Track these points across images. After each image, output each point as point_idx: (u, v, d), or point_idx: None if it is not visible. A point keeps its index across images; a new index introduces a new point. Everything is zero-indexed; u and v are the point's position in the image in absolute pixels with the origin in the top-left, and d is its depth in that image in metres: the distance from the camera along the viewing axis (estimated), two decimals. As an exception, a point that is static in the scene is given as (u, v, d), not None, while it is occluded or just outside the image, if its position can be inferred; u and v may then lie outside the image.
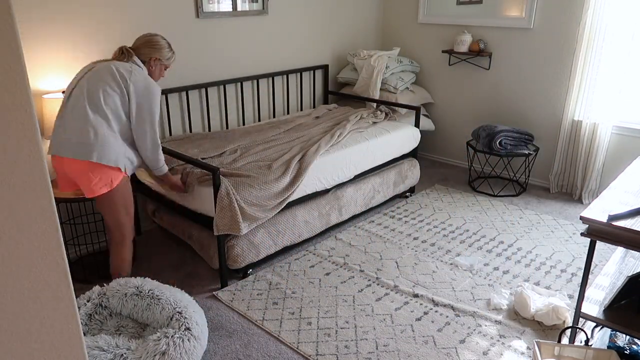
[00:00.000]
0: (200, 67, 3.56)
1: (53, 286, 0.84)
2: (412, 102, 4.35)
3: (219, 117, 3.79)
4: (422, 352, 2.30)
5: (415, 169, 3.95)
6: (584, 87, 3.76)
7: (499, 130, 3.93)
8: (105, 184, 2.22)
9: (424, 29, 4.69)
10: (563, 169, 4.07)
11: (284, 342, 2.36)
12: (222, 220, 2.58)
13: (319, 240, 3.31)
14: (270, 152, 3.15)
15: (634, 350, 2.03)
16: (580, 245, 3.27)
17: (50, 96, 2.72)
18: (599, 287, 2.19)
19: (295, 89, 4.38)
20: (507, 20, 4.13)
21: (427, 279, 2.87)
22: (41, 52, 2.75)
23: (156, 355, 1.90)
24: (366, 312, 2.58)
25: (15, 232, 0.78)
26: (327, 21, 4.45)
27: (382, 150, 3.57)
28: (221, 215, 2.58)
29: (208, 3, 3.49)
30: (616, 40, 3.55)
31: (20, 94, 0.75)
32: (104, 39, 2.99)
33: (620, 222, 1.81)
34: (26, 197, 0.78)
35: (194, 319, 2.10)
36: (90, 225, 3.06)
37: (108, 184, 2.24)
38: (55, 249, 0.83)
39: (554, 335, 2.39)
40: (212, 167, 2.60)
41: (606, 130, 3.74)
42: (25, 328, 0.82)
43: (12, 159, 0.75)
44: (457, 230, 3.48)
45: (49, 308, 0.84)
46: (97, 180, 2.19)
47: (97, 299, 2.21)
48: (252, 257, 2.84)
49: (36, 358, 0.84)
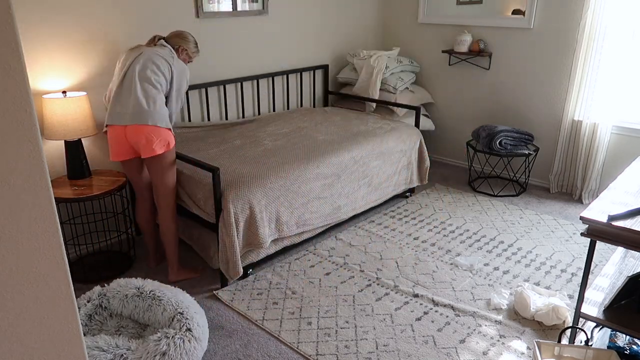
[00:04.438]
0: (200, 67, 3.56)
1: (53, 286, 0.84)
2: (412, 102, 4.36)
3: (219, 117, 3.79)
4: (422, 352, 2.30)
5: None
6: (583, 87, 3.76)
7: (499, 130, 3.93)
8: (163, 144, 2.57)
9: (424, 29, 4.69)
10: (563, 169, 4.07)
11: (284, 342, 2.36)
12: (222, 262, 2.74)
13: (319, 240, 3.31)
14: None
15: (634, 350, 2.03)
16: (580, 245, 3.27)
17: (50, 96, 2.72)
18: (599, 287, 2.19)
19: (295, 89, 4.38)
20: (507, 20, 4.13)
21: (427, 279, 2.87)
22: (41, 52, 2.75)
23: (156, 355, 1.90)
24: (366, 312, 2.58)
25: (15, 232, 0.78)
26: (327, 21, 4.45)
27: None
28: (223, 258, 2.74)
29: (208, 3, 3.49)
30: (616, 40, 3.55)
31: (20, 94, 0.75)
32: (104, 39, 3.00)
33: (620, 222, 1.81)
34: (26, 197, 0.78)
35: (195, 320, 2.10)
36: (90, 225, 3.06)
37: (165, 145, 2.58)
38: (55, 249, 0.83)
39: (554, 335, 2.39)
40: (212, 167, 2.60)
41: (606, 130, 3.74)
42: (25, 328, 0.82)
43: (12, 159, 0.75)
44: (457, 230, 3.48)
45: (49, 308, 0.84)
46: (157, 142, 2.55)
47: (97, 300, 2.21)
48: (252, 257, 2.84)
49: (36, 358, 0.84)
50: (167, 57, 2.65)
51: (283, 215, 2.90)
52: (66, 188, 2.75)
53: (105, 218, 3.06)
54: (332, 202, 3.20)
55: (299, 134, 3.56)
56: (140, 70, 2.57)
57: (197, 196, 2.79)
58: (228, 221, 2.63)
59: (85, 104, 2.79)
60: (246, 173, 2.83)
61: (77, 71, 2.92)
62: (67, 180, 2.85)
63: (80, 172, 2.86)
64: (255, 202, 2.73)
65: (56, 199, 2.59)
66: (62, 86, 2.87)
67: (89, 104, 2.85)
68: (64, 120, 2.69)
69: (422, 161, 3.95)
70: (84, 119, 2.77)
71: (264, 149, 3.22)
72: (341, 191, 3.26)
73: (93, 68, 2.99)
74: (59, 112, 2.68)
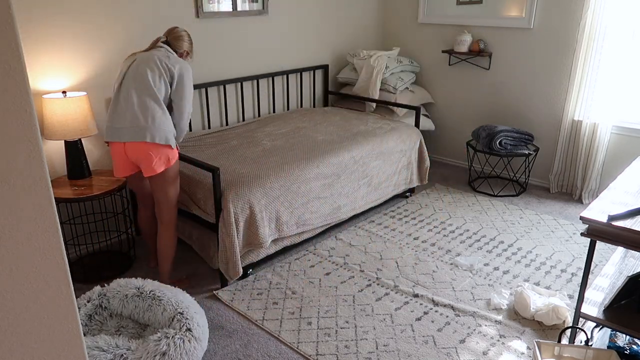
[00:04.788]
0: (200, 67, 3.56)
1: (53, 286, 0.84)
2: (412, 102, 4.36)
3: (218, 116, 3.79)
4: (422, 352, 2.30)
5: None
6: (583, 87, 3.76)
7: (499, 130, 3.93)
8: (163, 162, 2.48)
9: (424, 29, 4.69)
10: (563, 169, 4.07)
11: (284, 342, 2.36)
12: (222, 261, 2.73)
13: (319, 240, 3.31)
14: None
15: (634, 350, 2.03)
16: (580, 245, 3.27)
17: (50, 96, 2.72)
18: (599, 287, 2.18)
19: (295, 89, 4.38)
20: (507, 20, 4.13)
21: (427, 279, 2.87)
22: (41, 52, 2.75)
23: (156, 355, 1.90)
24: (366, 312, 2.58)
25: (15, 232, 0.78)
26: (327, 21, 4.45)
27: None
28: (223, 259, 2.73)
29: (208, 3, 3.49)
30: (616, 40, 3.55)
31: (20, 94, 0.75)
32: (104, 39, 3.00)
33: (620, 222, 1.81)
34: (26, 197, 0.78)
35: (195, 320, 2.10)
36: (90, 225, 3.06)
37: (165, 162, 2.49)
38: (55, 249, 0.83)
39: (554, 335, 2.39)
40: (212, 166, 2.60)
41: (606, 130, 3.74)
42: (25, 328, 0.82)
43: (12, 159, 0.75)
44: (457, 230, 3.48)
45: (49, 308, 0.84)
46: (157, 160, 2.45)
47: (98, 300, 2.21)
48: (252, 257, 2.84)
49: (36, 358, 0.84)
50: (162, 58, 2.49)
51: (283, 215, 2.90)
52: (66, 188, 2.75)
53: (105, 218, 3.06)
54: (332, 202, 3.20)
55: (297, 134, 3.56)
56: (135, 79, 2.44)
57: (197, 196, 2.79)
58: (228, 221, 2.63)
59: (85, 104, 2.79)
60: (246, 173, 2.83)
61: (77, 71, 2.92)
62: (67, 180, 2.85)
63: (80, 172, 2.86)
64: (255, 202, 2.73)
65: (56, 199, 2.58)
66: (62, 86, 2.87)
67: (89, 104, 2.85)
68: (64, 120, 2.69)
69: (422, 161, 3.95)
70: (84, 119, 2.76)
71: (262, 149, 3.22)
72: (341, 191, 3.26)
73: (93, 68, 2.99)
74: (59, 112, 2.68)
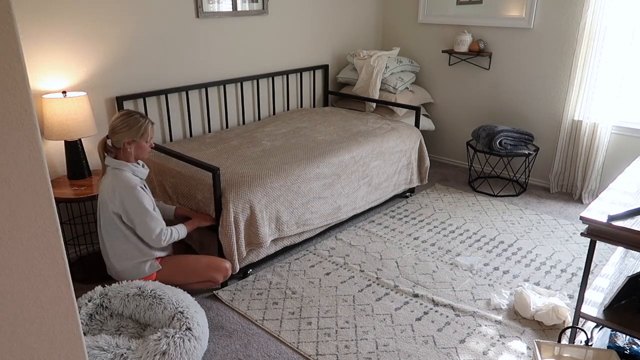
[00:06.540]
0: (200, 67, 3.56)
1: (53, 286, 0.84)
2: (412, 102, 4.36)
3: (218, 117, 3.79)
4: (422, 352, 2.30)
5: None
6: (583, 87, 3.76)
7: (499, 130, 3.93)
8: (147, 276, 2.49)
9: (424, 29, 4.69)
10: (563, 169, 4.07)
11: (284, 342, 2.36)
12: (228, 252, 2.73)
13: (319, 240, 3.31)
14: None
15: (634, 350, 2.03)
16: (580, 245, 3.27)
17: (50, 96, 2.72)
18: (599, 287, 2.19)
19: (295, 89, 4.38)
20: (507, 20, 4.13)
21: (427, 279, 2.87)
22: (41, 52, 2.75)
23: (156, 355, 1.90)
24: (366, 312, 2.58)
25: (15, 232, 0.78)
26: (327, 21, 4.45)
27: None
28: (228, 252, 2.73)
29: (208, 3, 3.49)
30: (616, 40, 3.55)
31: (20, 94, 0.75)
32: (104, 39, 3.00)
33: (620, 222, 1.81)
34: (26, 197, 0.78)
35: (196, 319, 2.10)
36: (90, 225, 3.06)
37: (149, 278, 2.49)
38: (55, 249, 0.83)
39: (554, 335, 2.39)
40: (212, 166, 2.60)
41: (606, 130, 3.74)
42: (25, 328, 0.82)
43: (12, 159, 0.75)
44: (457, 230, 3.48)
45: (49, 308, 0.84)
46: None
47: (99, 299, 2.21)
48: (252, 257, 2.84)
49: (36, 358, 0.84)
50: (109, 191, 2.32)
51: (283, 215, 2.90)
52: (66, 188, 2.75)
53: (105, 218, 3.06)
54: (332, 202, 3.20)
55: (298, 134, 3.57)
56: (100, 216, 2.41)
57: (197, 197, 2.79)
58: (228, 221, 2.63)
59: (85, 104, 2.79)
60: (246, 173, 2.83)
61: (77, 71, 2.93)
62: (67, 180, 2.85)
63: (80, 172, 2.86)
64: (255, 201, 2.73)
65: (56, 199, 2.58)
66: (62, 86, 2.87)
67: (89, 104, 2.85)
68: (64, 120, 2.69)
69: (422, 161, 3.95)
70: (84, 119, 2.76)
71: (262, 149, 3.22)
72: (341, 191, 3.26)
73: (93, 68, 2.99)
74: (59, 112, 2.68)
